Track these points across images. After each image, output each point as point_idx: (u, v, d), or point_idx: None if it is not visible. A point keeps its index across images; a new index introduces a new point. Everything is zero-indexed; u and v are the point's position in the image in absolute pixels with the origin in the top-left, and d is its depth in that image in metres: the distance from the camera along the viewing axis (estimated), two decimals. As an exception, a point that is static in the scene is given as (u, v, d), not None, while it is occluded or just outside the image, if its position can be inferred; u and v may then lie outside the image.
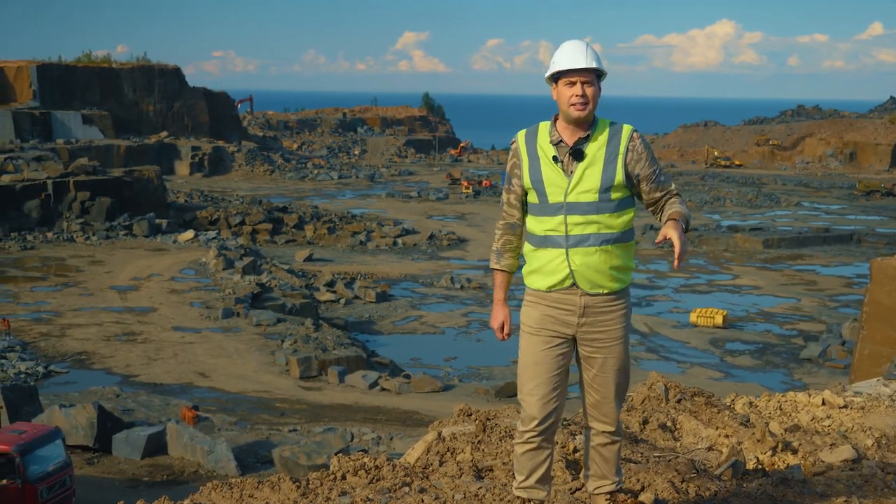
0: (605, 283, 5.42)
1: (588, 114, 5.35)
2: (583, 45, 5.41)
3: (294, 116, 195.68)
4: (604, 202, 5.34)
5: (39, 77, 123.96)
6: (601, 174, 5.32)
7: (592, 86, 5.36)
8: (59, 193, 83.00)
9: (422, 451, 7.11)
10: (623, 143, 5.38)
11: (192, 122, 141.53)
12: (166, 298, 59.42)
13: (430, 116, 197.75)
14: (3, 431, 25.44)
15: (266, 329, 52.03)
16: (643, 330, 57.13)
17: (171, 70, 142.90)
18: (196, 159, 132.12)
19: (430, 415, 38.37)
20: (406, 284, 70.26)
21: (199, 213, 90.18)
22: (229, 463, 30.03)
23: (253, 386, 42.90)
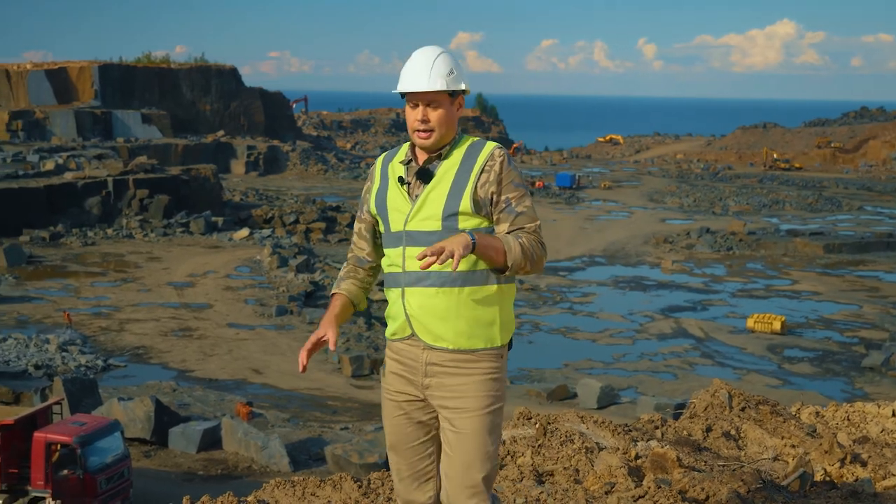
0: (451, 335, 4.46)
1: (434, 141, 4.51)
2: (429, 60, 4.52)
3: (348, 116, 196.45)
4: (448, 232, 4.41)
5: (101, 77, 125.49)
6: (445, 197, 4.47)
7: (440, 108, 4.50)
8: (119, 191, 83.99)
9: (482, 454, 7.07)
10: (479, 161, 4.50)
11: (247, 121, 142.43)
12: (221, 295, 59.89)
13: (483, 117, 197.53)
14: (63, 423, 25.76)
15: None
16: (698, 335, 56.63)
17: (228, 70, 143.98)
18: (251, 158, 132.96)
19: (482, 416, 38.26)
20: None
21: (254, 212, 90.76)
22: (282, 459, 30.20)
23: (305, 383, 43.09)
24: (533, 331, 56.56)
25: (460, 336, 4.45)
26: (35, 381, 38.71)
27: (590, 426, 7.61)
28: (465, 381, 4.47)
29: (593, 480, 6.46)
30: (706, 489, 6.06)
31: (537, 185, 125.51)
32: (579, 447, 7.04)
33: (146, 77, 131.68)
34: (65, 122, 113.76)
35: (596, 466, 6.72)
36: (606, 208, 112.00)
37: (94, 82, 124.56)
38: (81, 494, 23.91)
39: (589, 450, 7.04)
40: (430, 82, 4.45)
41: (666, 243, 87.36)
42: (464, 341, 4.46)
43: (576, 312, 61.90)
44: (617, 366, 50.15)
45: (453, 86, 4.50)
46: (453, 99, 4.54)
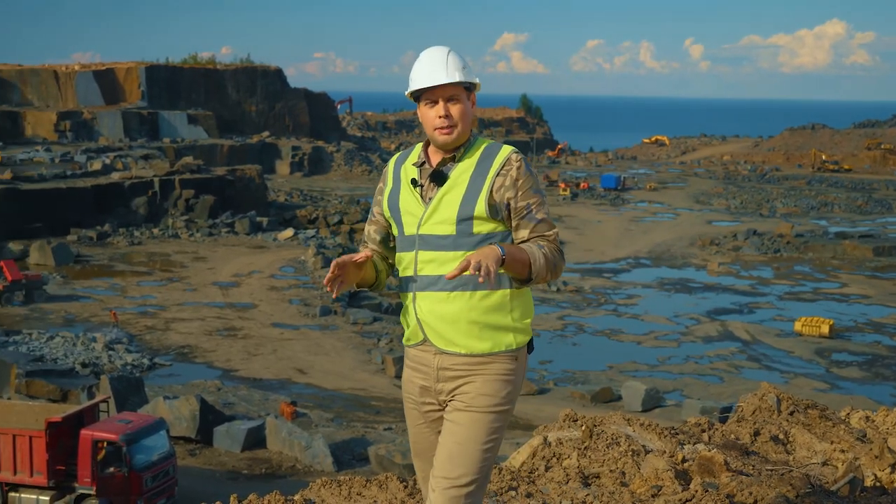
0: (463, 340, 4.36)
1: (457, 137, 4.44)
2: (442, 55, 4.49)
3: (392, 117, 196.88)
4: (462, 236, 4.35)
5: (148, 78, 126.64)
6: (460, 201, 4.37)
7: (459, 102, 4.46)
8: (165, 191, 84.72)
9: (527, 456, 7.07)
10: (495, 165, 4.41)
11: (292, 122, 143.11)
12: (266, 295, 60.20)
13: (527, 118, 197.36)
14: (110, 421, 25.98)
15: (363, 328, 52.38)
16: (745, 338, 56.20)
17: (273, 71, 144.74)
18: (296, 159, 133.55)
19: (525, 418, 38.24)
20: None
21: (298, 212, 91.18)
22: (326, 459, 30.30)
23: (349, 383, 43.20)
24: (577, 332, 56.39)
25: (472, 340, 4.35)
26: (82, 380, 39.09)
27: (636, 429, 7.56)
28: (475, 379, 4.36)
29: (640, 483, 6.42)
30: (754, 493, 5.99)
31: (582, 187, 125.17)
32: (625, 450, 7.00)
33: (192, 78, 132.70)
34: (112, 123, 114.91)
35: (642, 469, 6.67)
36: (652, 210, 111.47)
37: (141, 83, 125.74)
38: (127, 492, 24.11)
39: (635, 452, 6.99)
40: (448, 75, 4.40)
41: (712, 245, 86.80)
42: (476, 345, 4.35)
43: (620, 314, 61.64)
44: (662, 368, 49.88)
45: (470, 78, 4.47)
46: (469, 94, 4.51)
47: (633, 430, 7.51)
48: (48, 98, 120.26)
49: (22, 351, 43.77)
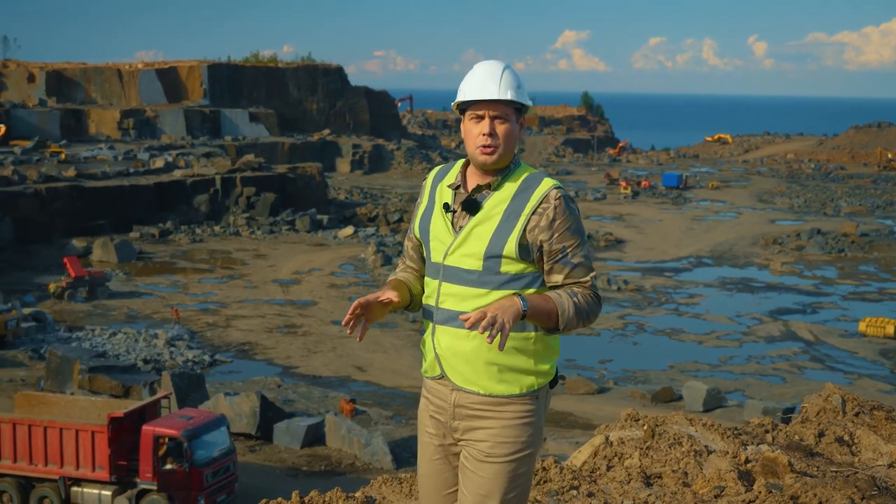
0: (481, 380, 4.15)
1: (498, 159, 4.15)
2: (497, 70, 4.20)
3: (453, 115, 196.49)
4: (488, 273, 4.10)
5: (210, 76, 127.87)
6: (490, 236, 4.09)
7: (507, 122, 4.16)
8: (227, 188, 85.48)
9: (589, 455, 7.02)
10: (532, 201, 4.11)
11: (353, 120, 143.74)
12: (326, 293, 60.54)
13: (588, 116, 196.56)
14: (171, 417, 26.24)
15: (421, 326, 52.37)
16: (808, 338, 55.52)
17: (334, 69, 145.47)
18: (356, 157, 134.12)
19: (584, 417, 38.12)
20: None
21: (358, 210, 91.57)
22: (385, 457, 30.38)
23: (408, 381, 43.28)
24: (638, 332, 56.07)
25: (490, 381, 4.14)
26: (144, 376, 39.54)
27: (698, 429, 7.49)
28: (492, 425, 4.16)
29: (702, 484, 6.36)
30: (819, 495, 5.91)
31: (643, 185, 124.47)
32: (688, 450, 6.93)
33: (254, 76, 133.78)
34: (174, 121, 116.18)
35: (705, 470, 6.61)
36: (714, 209, 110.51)
37: (204, 81, 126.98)
38: (187, 488, 24.32)
39: (698, 453, 6.92)
40: (500, 91, 4.13)
41: (775, 244, 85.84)
42: (494, 386, 4.14)
43: (682, 314, 61.21)
44: (723, 368, 49.44)
45: (522, 98, 4.19)
46: (519, 116, 4.22)
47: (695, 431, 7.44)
48: (112, 96, 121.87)
49: (85, 347, 44.35)
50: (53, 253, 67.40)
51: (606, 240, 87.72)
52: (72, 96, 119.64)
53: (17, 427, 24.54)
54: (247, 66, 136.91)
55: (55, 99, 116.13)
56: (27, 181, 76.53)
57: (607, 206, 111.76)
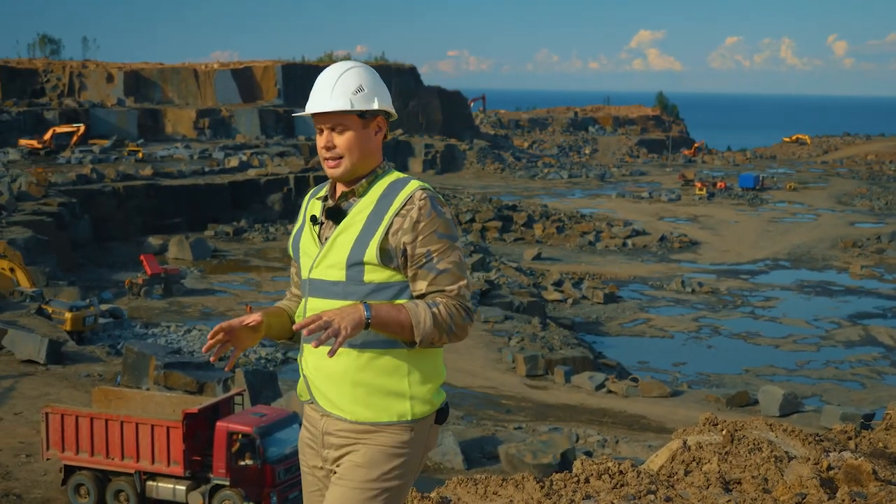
0: (347, 404, 3.80)
1: (345, 171, 3.88)
2: (333, 76, 3.91)
3: (525, 115, 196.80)
4: (352, 283, 3.79)
5: (284, 76, 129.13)
6: (352, 243, 3.81)
7: (348, 131, 3.88)
8: (300, 188, 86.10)
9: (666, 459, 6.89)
10: (396, 203, 3.82)
11: (426, 120, 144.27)
12: (398, 292, 60.62)
13: (663, 116, 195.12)
14: (244, 413, 26.41)
15: (493, 326, 52.37)
16: (888, 343, 54.54)
17: (408, 69, 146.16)
18: (429, 157, 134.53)
19: (658, 420, 37.77)
20: (635, 286, 69.46)
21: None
22: (456, 457, 30.32)
23: (479, 382, 43.23)
24: (712, 335, 55.52)
25: (356, 405, 3.79)
26: (218, 372, 39.91)
27: (779, 434, 7.33)
28: (359, 450, 3.81)
29: (783, 490, 6.21)
30: (908, 505, 5.73)
31: (719, 186, 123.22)
32: (768, 455, 6.78)
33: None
34: (249, 121, 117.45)
35: (786, 476, 6.46)
36: (791, 210, 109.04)
37: (278, 81, 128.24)
38: (260, 484, 24.45)
39: (778, 459, 6.76)
40: (331, 101, 3.86)
41: (855, 247, 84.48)
42: (362, 412, 3.79)
43: (758, 317, 60.50)
44: (801, 373, 48.76)
45: (361, 105, 3.89)
46: (366, 121, 3.93)
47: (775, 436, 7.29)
48: (188, 96, 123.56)
49: (160, 343, 44.94)
50: (130, 250, 68.44)
51: (681, 241, 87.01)
52: (149, 96, 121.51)
53: (95, 421, 24.87)
54: (321, 66, 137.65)
55: (133, 99, 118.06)
56: (105, 179, 77.81)
57: (682, 207, 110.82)
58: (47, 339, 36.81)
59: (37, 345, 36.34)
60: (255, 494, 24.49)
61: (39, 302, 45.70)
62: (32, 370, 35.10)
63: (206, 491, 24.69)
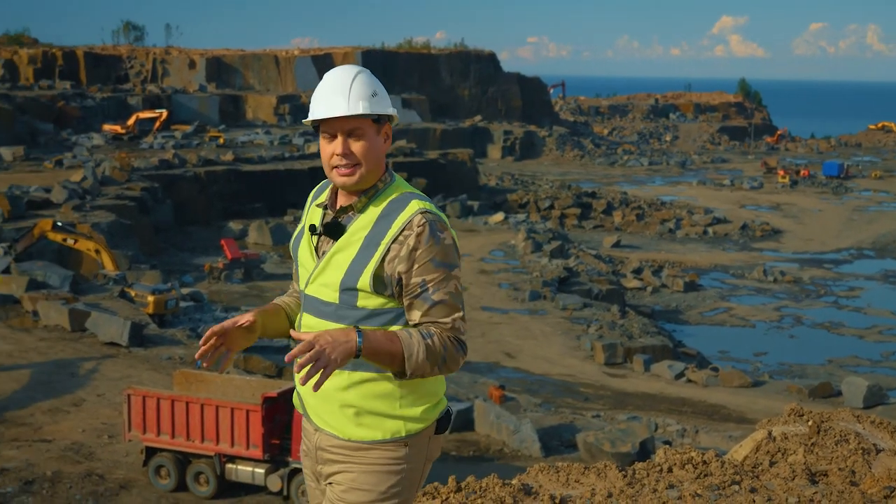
0: (338, 423, 3.73)
1: (359, 179, 3.73)
2: (346, 79, 3.77)
3: (605, 102, 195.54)
4: (345, 308, 3.67)
5: (364, 62, 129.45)
6: (348, 265, 3.66)
7: (363, 138, 3.74)
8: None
9: (750, 450, 6.78)
10: (394, 228, 3.65)
11: (505, 106, 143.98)
12: (476, 279, 60.69)
13: (745, 103, 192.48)
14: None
15: (572, 313, 52.15)
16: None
17: (487, 56, 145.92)
18: (508, 143, 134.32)
19: (738, 410, 37.36)
20: (715, 275, 68.75)
21: (509, 196, 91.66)
22: (534, 444, 30.26)
23: (557, 369, 43.10)
24: (794, 324, 54.80)
25: (348, 425, 3.71)
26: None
27: (866, 426, 7.18)
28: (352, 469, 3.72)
29: (871, 483, 6.08)
30: None
31: (802, 174, 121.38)
32: (855, 448, 6.63)
33: (407, 62, 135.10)
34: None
35: (874, 469, 6.32)
36: (877, 199, 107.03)
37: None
38: (338, 468, 24.63)
39: (866, 451, 6.62)
40: (350, 105, 3.71)
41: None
42: (353, 431, 3.72)
43: (841, 307, 59.55)
44: (886, 364, 47.93)
45: (379, 109, 3.78)
46: (379, 127, 3.80)
47: (862, 428, 7.14)
48: (268, 82, 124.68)
49: (241, 327, 45.33)
50: (211, 235, 69.23)
51: (763, 230, 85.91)
52: (230, 82, 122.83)
53: (176, 404, 25.18)
54: (400, 52, 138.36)
55: (214, 85, 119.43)
56: (187, 165, 78.78)
57: (764, 195, 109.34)
58: (130, 322, 37.36)
59: (119, 327, 36.92)
60: (332, 479, 24.65)
61: (122, 285, 46.43)
62: (115, 352, 35.68)
63: (284, 474, 24.90)
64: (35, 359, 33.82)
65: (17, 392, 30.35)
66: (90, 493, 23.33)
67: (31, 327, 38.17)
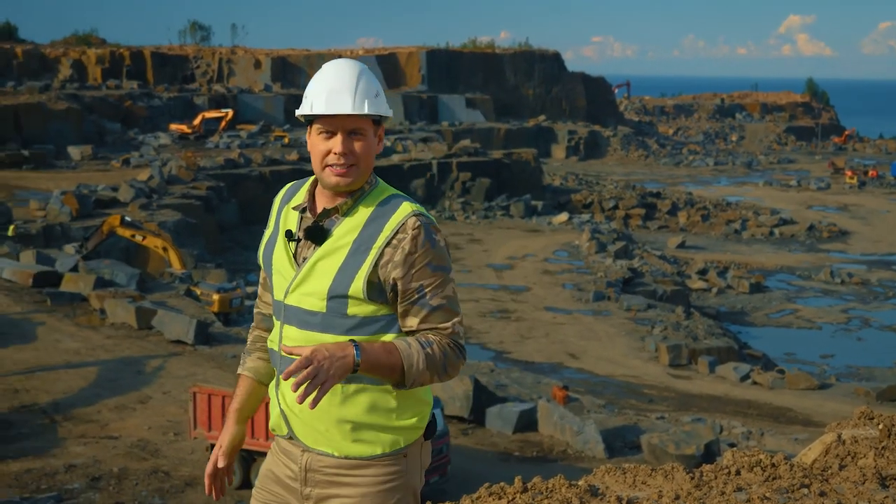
0: (334, 440, 3.56)
1: (354, 180, 3.58)
2: (352, 75, 3.61)
3: (671, 101, 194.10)
4: (333, 316, 3.50)
5: (428, 62, 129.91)
6: (336, 272, 3.49)
7: (364, 139, 3.59)
8: (443, 173, 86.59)
9: (819, 453, 6.69)
10: (386, 231, 3.51)
11: (569, 106, 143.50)
12: (539, 279, 60.57)
13: (812, 102, 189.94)
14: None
15: (636, 314, 51.83)
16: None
17: (551, 55, 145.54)
18: (572, 143, 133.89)
19: (804, 413, 36.92)
20: (782, 276, 67.97)
21: (573, 196, 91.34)
22: (597, 445, 30.11)
23: (621, 370, 42.87)
24: (862, 327, 54.05)
25: (345, 441, 3.56)
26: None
27: (939, 430, 7.05)
28: (351, 492, 3.57)
29: (944, 489, 5.97)
30: None
31: (871, 175, 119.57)
32: (927, 452, 6.51)
33: (471, 62, 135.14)
34: (393, 106, 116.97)
35: (947, 474, 6.20)
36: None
37: (422, 67, 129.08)
38: (401, 466, 24.69)
39: (939, 455, 6.49)
40: (356, 103, 3.55)
41: None
42: (350, 447, 3.56)
43: (911, 309, 58.63)
44: (956, 368, 47.06)
45: (382, 110, 3.63)
46: (377, 128, 3.66)
47: (935, 432, 7.01)
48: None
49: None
50: (276, 234, 69.64)
51: (830, 231, 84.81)
52: (295, 82, 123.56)
53: (241, 401, 25.51)
54: (464, 52, 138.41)
55: (280, 84, 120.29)
56: (252, 164, 79.46)
57: (831, 195, 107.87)
58: (195, 320, 37.74)
59: (185, 325, 37.30)
60: (396, 477, 24.70)
61: (188, 284, 46.91)
62: (181, 350, 36.07)
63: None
64: (102, 356, 34.28)
65: (85, 389, 30.78)
66: (156, 490, 23.62)
67: (99, 325, 38.70)
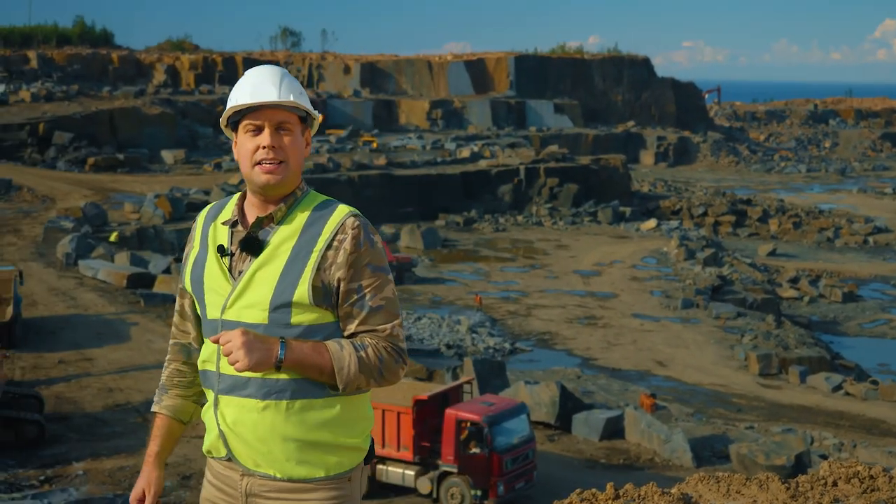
0: (277, 461, 3.43)
1: (283, 178, 3.48)
2: (274, 73, 3.53)
3: (762, 107, 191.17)
4: (276, 326, 3.39)
5: (516, 68, 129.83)
6: (276, 280, 3.39)
7: (292, 134, 3.51)
8: (530, 179, 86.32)
9: (919, 466, 6.51)
10: (326, 233, 3.44)
11: (658, 112, 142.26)
12: (627, 285, 60.07)
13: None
14: (473, 402, 26.70)
15: (725, 322, 51.11)
16: None
17: (641, 61, 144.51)
18: (661, 149, 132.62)
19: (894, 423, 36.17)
20: (876, 285, 66.52)
21: (661, 203, 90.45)
22: (685, 454, 29.78)
23: (710, 379, 42.32)
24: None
25: (289, 462, 3.43)
26: (446, 360, 40.47)
27: None
28: None
29: None
30: None
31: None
32: None
33: (559, 67, 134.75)
34: (481, 112, 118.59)
35: None
36: None
37: (510, 73, 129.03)
38: (487, 473, 24.66)
39: None
40: (282, 93, 3.47)
41: None
42: (293, 469, 3.44)
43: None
44: None
45: (307, 105, 3.56)
46: (303, 128, 3.58)
47: None
48: (421, 87, 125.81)
49: (393, 330, 45.78)
50: (364, 238, 70.01)
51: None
52: (384, 87, 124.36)
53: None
54: (553, 57, 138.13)
55: (368, 90, 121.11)
56: (341, 169, 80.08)
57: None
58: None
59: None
60: (482, 483, 24.72)
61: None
62: (271, 352, 36.38)
63: (434, 477, 25.07)
64: (194, 356, 34.78)
65: (177, 388, 31.24)
66: (245, 489, 23.88)
67: (191, 326, 39.27)
